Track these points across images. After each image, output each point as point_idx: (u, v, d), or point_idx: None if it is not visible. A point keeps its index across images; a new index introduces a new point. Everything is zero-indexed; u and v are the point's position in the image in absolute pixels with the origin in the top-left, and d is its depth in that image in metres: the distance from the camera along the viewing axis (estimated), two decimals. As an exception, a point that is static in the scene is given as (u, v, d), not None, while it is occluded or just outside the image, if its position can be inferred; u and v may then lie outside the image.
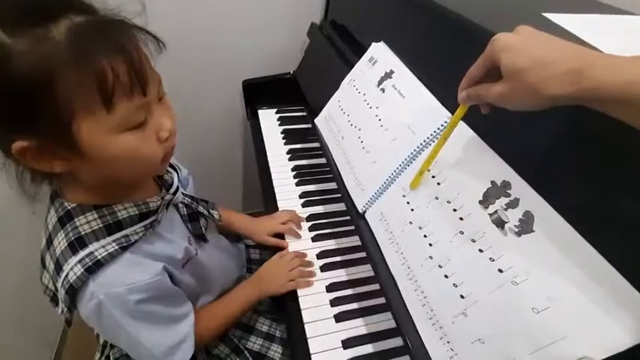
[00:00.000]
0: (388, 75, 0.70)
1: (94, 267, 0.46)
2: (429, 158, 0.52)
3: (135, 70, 0.41)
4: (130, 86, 0.41)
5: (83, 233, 0.48)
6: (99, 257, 0.47)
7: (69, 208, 0.48)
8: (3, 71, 0.36)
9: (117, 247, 0.48)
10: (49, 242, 0.50)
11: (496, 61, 0.38)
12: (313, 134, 0.98)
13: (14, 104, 0.37)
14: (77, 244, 0.47)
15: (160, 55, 0.45)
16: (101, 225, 0.48)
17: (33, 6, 0.37)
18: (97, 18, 0.41)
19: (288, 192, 0.89)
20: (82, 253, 0.47)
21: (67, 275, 0.47)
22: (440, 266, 0.50)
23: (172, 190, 0.58)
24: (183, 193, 0.62)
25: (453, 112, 0.55)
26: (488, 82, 0.40)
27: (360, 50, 0.80)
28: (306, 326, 0.63)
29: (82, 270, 0.46)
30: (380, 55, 0.74)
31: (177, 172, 0.63)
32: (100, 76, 0.38)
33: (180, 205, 0.61)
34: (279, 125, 1.08)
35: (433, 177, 0.54)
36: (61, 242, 0.48)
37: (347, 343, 0.62)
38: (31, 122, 0.39)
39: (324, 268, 0.72)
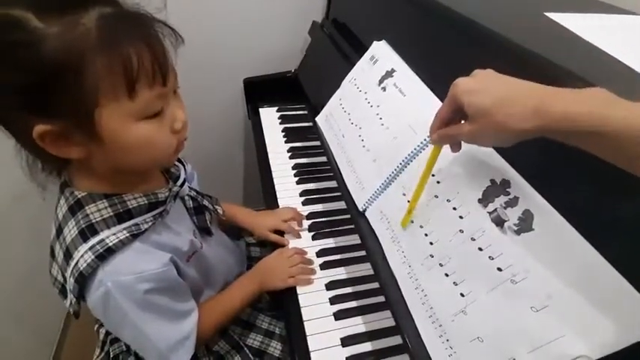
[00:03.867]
0: (389, 74, 0.70)
1: (105, 254, 0.47)
2: (414, 200, 0.54)
3: (158, 60, 0.42)
4: (152, 75, 0.42)
5: (94, 221, 0.48)
6: (110, 244, 0.47)
7: (79, 196, 0.49)
8: (34, 55, 0.37)
9: (128, 235, 0.49)
10: (59, 232, 0.50)
11: (460, 103, 0.40)
12: (314, 132, 0.98)
13: (42, 88, 0.38)
14: (88, 231, 0.48)
15: (177, 50, 0.47)
16: (112, 213, 0.49)
17: None
18: (124, 10, 0.42)
19: (288, 190, 0.89)
20: (93, 241, 0.47)
21: (77, 263, 0.47)
22: (440, 265, 0.50)
23: (179, 183, 0.59)
24: (189, 187, 0.62)
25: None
26: (458, 122, 0.43)
27: (361, 49, 0.80)
28: (305, 324, 0.63)
29: (92, 257, 0.46)
30: (381, 53, 0.74)
31: (184, 165, 0.63)
32: (126, 63, 0.40)
33: (186, 197, 0.62)
34: (280, 123, 1.08)
35: (433, 175, 0.54)
36: (71, 230, 0.48)
37: (346, 341, 0.62)
38: (56, 106, 0.40)
39: (323, 266, 0.72)
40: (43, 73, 0.38)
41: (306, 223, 0.81)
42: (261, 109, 1.13)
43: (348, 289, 0.69)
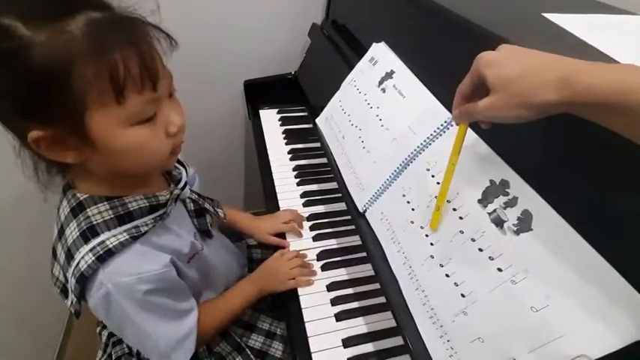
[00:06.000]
0: (389, 75, 0.70)
1: (105, 255, 0.47)
2: (443, 191, 0.50)
3: (146, 65, 0.42)
4: (141, 81, 0.42)
5: (95, 223, 0.48)
6: (110, 246, 0.47)
7: (81, 198, 0.49)
8: (21, 62, 0.37)
9: (128, 237, 0.49)
10: (61, 233, 0.50)
11: (482, 76, 0.39)
12: (314, 134, 0.99)
13: (32, 94, 0.39)
14: (89, 233, 0.48)
15: (172, 53, 0.47)
16: (112, 215, 0.49)
17: (52, 1, 0.39)
18: (113, 14, 0.42)
19: (289, 192, 0.89)
20: (93, 242, 0.48)
21: (78, 264, 0.47)
22: (441, 265, 0.50)
23: (180, 186, 0.59)
24: (190, 190, 0.63)
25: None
26: (479, 99, 0.41)
27: (361, 50, 0.80)
28: (306, 325, 0.64)
29: (93, 258, 0.47)
30: (381, 55, 0.74)
31: (185, 168, 0.64)
32: (113, 70, 0.40)
33: (187, 200, 0.62)
34: (281, 125, 1.09)
35: (433, 176, 0.54)
36: (73, 232, 0.49)
37: (347, 342, 0.62)
38: (46, 112, 0.40)
39: (324, 268, 0.73)
40: (31, 81, 0.38)
41: (307, 225, 0.81)
42: (261, 111, 1.13)
43: (349, 290, 0.69)
